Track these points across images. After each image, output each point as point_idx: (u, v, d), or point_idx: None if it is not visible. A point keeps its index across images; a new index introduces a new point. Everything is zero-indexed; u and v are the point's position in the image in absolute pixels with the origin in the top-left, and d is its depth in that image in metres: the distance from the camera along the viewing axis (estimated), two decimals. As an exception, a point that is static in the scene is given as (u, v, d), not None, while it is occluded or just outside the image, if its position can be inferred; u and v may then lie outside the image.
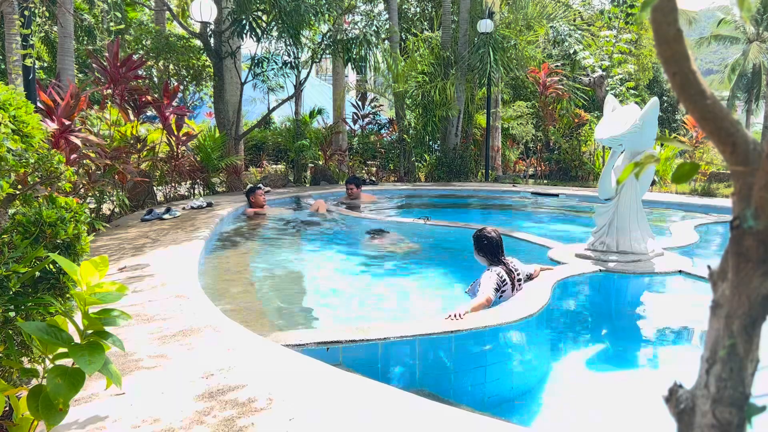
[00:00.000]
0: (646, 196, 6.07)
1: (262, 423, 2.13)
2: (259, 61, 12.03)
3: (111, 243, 5.87)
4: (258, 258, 6.39)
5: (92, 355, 1.79)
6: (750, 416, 0.79)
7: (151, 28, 13.39)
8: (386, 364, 3.21)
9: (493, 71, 13.29)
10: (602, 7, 20.02)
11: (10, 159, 2.43)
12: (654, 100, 5.03)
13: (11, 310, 1.95)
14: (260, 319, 4.10)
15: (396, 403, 2.33)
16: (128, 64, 8.28)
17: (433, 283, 5.64)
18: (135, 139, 8.69)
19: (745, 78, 30.34)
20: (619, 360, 4.21)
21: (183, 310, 3.52)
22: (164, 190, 10.10)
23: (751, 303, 0.78)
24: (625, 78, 14.26)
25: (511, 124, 15.35)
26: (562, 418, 3.35)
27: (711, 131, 0.80)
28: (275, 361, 2.75)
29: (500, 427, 2.30)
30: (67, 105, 6.29)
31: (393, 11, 14.75)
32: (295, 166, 12.85)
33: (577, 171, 14.03)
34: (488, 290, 3.96)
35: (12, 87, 2.77)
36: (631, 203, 5.33)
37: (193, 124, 13.65)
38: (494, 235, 4.37)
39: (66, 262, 1.87)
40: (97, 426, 2.12)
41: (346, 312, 4.73)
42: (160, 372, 2.60)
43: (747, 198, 0.78)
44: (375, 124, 16.16)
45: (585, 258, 5.38)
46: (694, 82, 0.79)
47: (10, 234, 2.13)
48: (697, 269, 5.05)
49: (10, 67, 9.45)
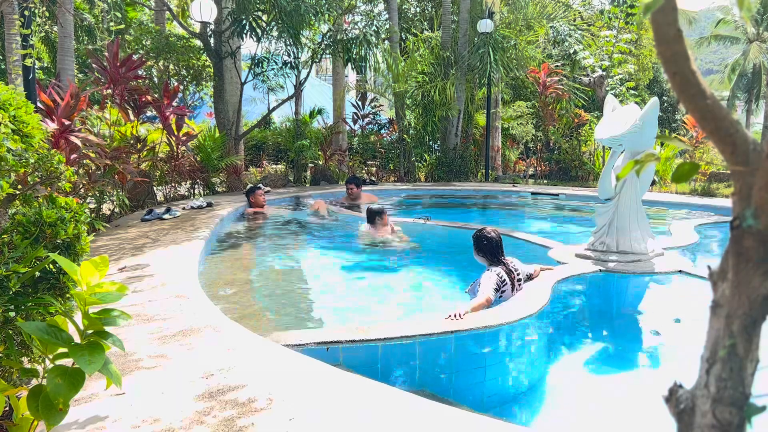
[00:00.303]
0: (646, 195, 6.07)
1: (262, 423, 2.13)
2: (259, 61, 12.03)
3: (111, 243, 5.87)
4: (258, 258, 6.39)
5: (92, 355, 1.79)
6: (750, 416, 0.79)
7: (151, 28, 13.38)
8: (386, 364, 3.21)
9: (493, 71, 13.29)
10: (602, 7, 20.04)
11: (10, 159, 2.43)
12: (654, 100, 5.03)
13: (11, 310, 1.95)
14: (260, 319, 4.10)
15: (396, 403, 2.33)
16: (128, 64, 8.28)
17: (433, 283, 5.64)
18: (135, 139, 8.69)
19: (745, 78, 30.35)
20: (619, 360, 4.21)
21: (183, 310, 3.52)
22: (164, 190, 10.10)
23: (751, 303, 0.78)
24: (625, 78, 14.26)
25: (511, 124, 15.35)
26: (562, 418, 3.35)
27: (711, 131, 0.80)
28: (275, 361, 2.75)
29: (500, 427, 2.30)
30: (67, 105, 6.29)
31: (393, 11, 14.75)
32: (295, 166, 12.85)
33: (577, 171, 14.03)
34: (488, 290, 3.96)
35: (12, 87, 2.77)
36: (631, 203, 5.33)
37: (193, 124, 13.64)
38: (494, 236, 4.37)
39: (66, 262, 1.87)
40: (97, 426, 2.12)
41: (346, 312, 4.73)
42: (160, 372, 2.60)
43: (747, 198, 0.78)
44: (375, 124, 16.16)
45: (585, 258, 5.38)
46: (694, 82, 0.79)
47: (10, 234, 2.13)
48: (697, 269, 5.05)
49: (10, 67, 9.46)
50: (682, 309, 4.87)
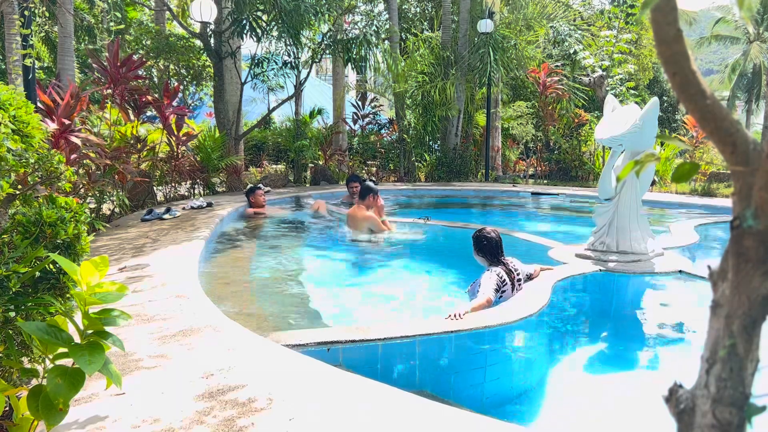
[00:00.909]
0: (646, 195, 6.07)
1: (262, 423, 2.13)
2: (259, 61, 12.03)
3: (111, 243, 5.87)
4: (258, 258, 6.39)
5: (92, 355, 1.79)
6: (750, 416, 0.79)
7: (151, 28, 13.39)
8: (386, 364, 3.21)
9: (493, 71, 13.29)
10: (602, 7, 20.05)
11: (10, 159, 2.43)
12: (654, 100, 5.03)
13: (11, 310, 1.95)
14: (260, 319, 4.10)
15: (396, 403, 2.33)
16: (128, 64, 8.28)
17: (433, 283, 5.64)
18: (135, 139, 8.69)
19: (745, 78, 30.36)
20: (619, 360, 4.21)
21: (183, 310, 3.52)
22: (164, 190, 10.10)
23: (751, 303, 0.78)
24: (625, 78, 14.26)
25: (511, 124, 15.35)
26: (562, 418, 3.35)
27: (711, 131, 0.80)
28: (275, 361, 2.75)
29: (500, 427, 2.30)
30: (67, 105, 6.28)
31: (393, 11, 14.75)
32: (295, 166, 12.85)
33: (577, 171, 14.03)
34: (488, 291, 3.96)
35: (12, 87, 2.77)
36: (631, 203, 5.33)
37: (193, 124, 13.64)
38: (494, 236, 4.38)
39: (66, 262, 1.87)
40: (97, 426, 2.12)
41: (346, 312, 4.73)
42: (160, 372, 2.60)
43: (747, 198, 0.78)
44: (375, 124, 16.15)
45: (585, 258, 5.39)
46: (694, 82, 0.79)
47: (10, 234, 2.13)
48: (697, 269, 5.05)
49: (10, 67, 9.46)
50: (682, 309, 4.87)
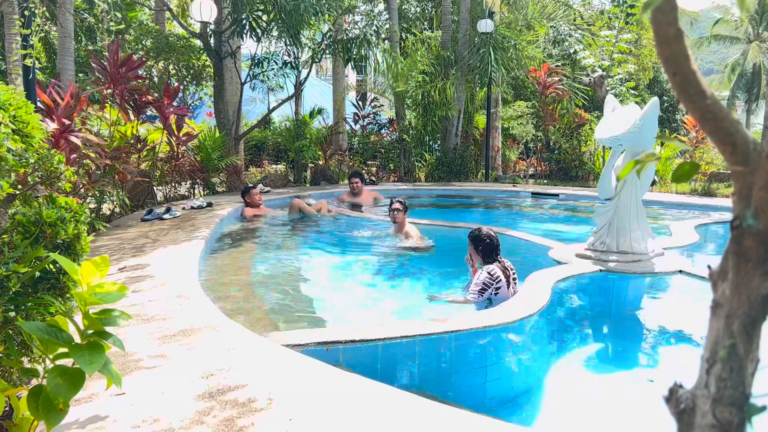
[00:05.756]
0: (646, 195, 6.07)
1: (262, 423, 2.13)
2: (259, 61, 12.02)
3: (111, 243, 5.87)
4: (258, 258, 6.39)
5: (92, 355, 1.79)
6: (750, 416, 0.79)
7: (151, 28, 13.38)
8: (386, 364, 3.21)
9: (493, 71, 13.28)
10: (602, 7, 20.05)
11: (10, 159, 2.43)
12: (654, 100, 5.03)
13: (11, 310, 1.95)
14: (260, 319, 4.10)
15: (396, 403, 2.33)
16: (128, 64, 8.27)
17: (433, 282, 5.64)
18: (135, 139, 8.68)
19: (745, 78, 30.36)
20: (619, 360, 4.21)
21: (183, 310, 3.52)
22: (164, 190, 10.10)
23: (751, 303, 0.78)
24: (625, 78, 14.26)
25: (511, 124, 15.34)
26: (562, 418, 3.35)
27: (711, 131, 0.80)
28: (275, 361, 2.75)
29: (500, 427, 2.30)
30: (67, 105, 6.28)
31: (393, 11, 14.75)
32: (295, 166, 12.85)
33: (577, 171, 14.02)
34: (473, 292, 4.24)
35: (12, 87, 2.77)
36: (631, 203, 5.33)
37: (193, 124, 13.62)
38: (493, 236, 4.41)
39: (66, 262, 1.87)
40: (97, 426, 2.12)
41: (346, 312, 4.73)
42: (160, 372, 2.60)
43: (747, 198, 0.78)
44: (375, 124, 16.15)
45: (585, 258, 5.39)
46: (694, 82, 0.79)
47: (10, 234, 2.13)
48: (697, 269, 5.06)
49: (10, 67, 9.46)
50: (682, 309, 4.87)
